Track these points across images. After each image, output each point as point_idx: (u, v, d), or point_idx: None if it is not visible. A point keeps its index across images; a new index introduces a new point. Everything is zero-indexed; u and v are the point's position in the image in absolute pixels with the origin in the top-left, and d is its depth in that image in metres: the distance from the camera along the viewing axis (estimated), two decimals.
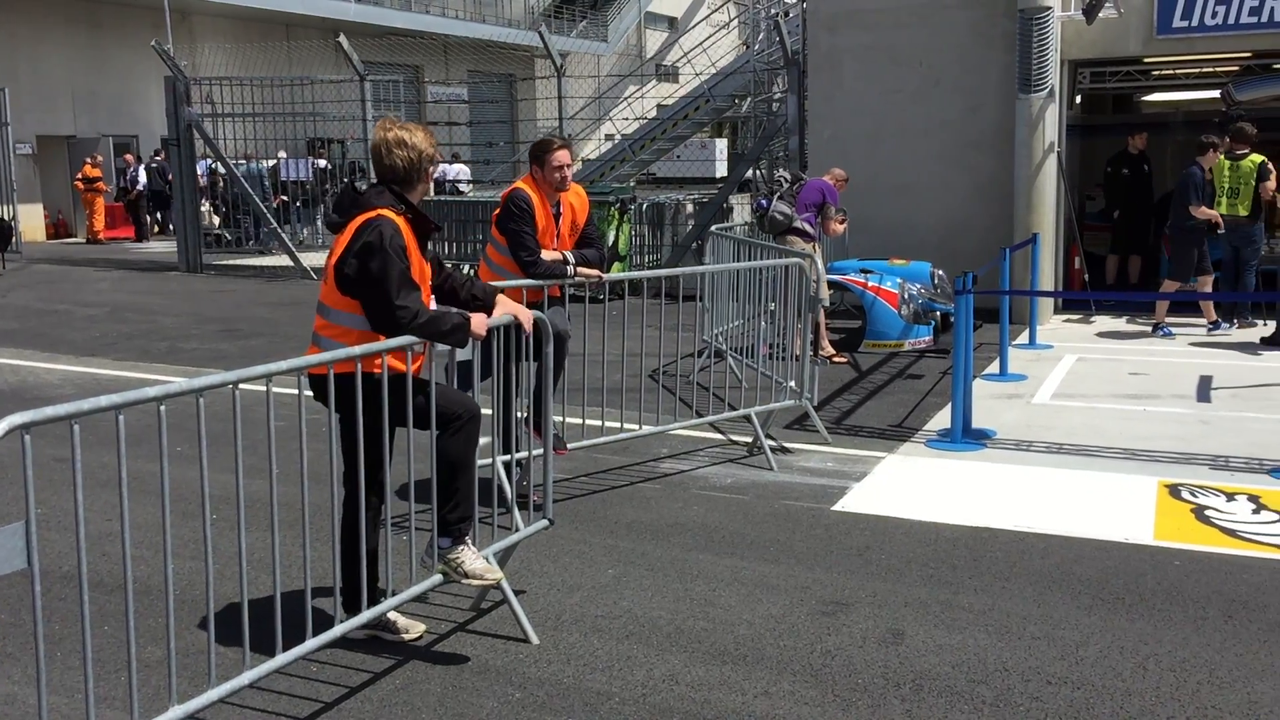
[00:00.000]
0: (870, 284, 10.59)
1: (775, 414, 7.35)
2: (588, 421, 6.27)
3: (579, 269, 5.96)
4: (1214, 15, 11.42)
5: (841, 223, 10.36)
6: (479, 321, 4.13)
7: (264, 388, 3.44)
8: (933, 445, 7.22)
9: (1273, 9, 11.20)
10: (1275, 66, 12.86)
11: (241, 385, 3.33)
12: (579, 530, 5.66)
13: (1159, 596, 4.74)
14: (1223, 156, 11.09)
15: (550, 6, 37.09)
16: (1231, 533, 5.52)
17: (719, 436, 7.52)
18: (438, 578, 4.14)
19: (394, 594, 4.07)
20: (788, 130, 15.00)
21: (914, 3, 12.71)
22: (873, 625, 4.49)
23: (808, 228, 9.82)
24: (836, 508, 6.01)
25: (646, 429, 6.64)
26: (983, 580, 4.95)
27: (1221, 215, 11.02)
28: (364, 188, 4.24)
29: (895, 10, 12.79)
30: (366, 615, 3.95)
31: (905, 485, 6.43)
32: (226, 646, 3.99)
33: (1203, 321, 11.33)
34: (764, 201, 10.23)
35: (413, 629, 4.36)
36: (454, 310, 4.19)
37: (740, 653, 4.25)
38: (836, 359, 10.08)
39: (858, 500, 6.13)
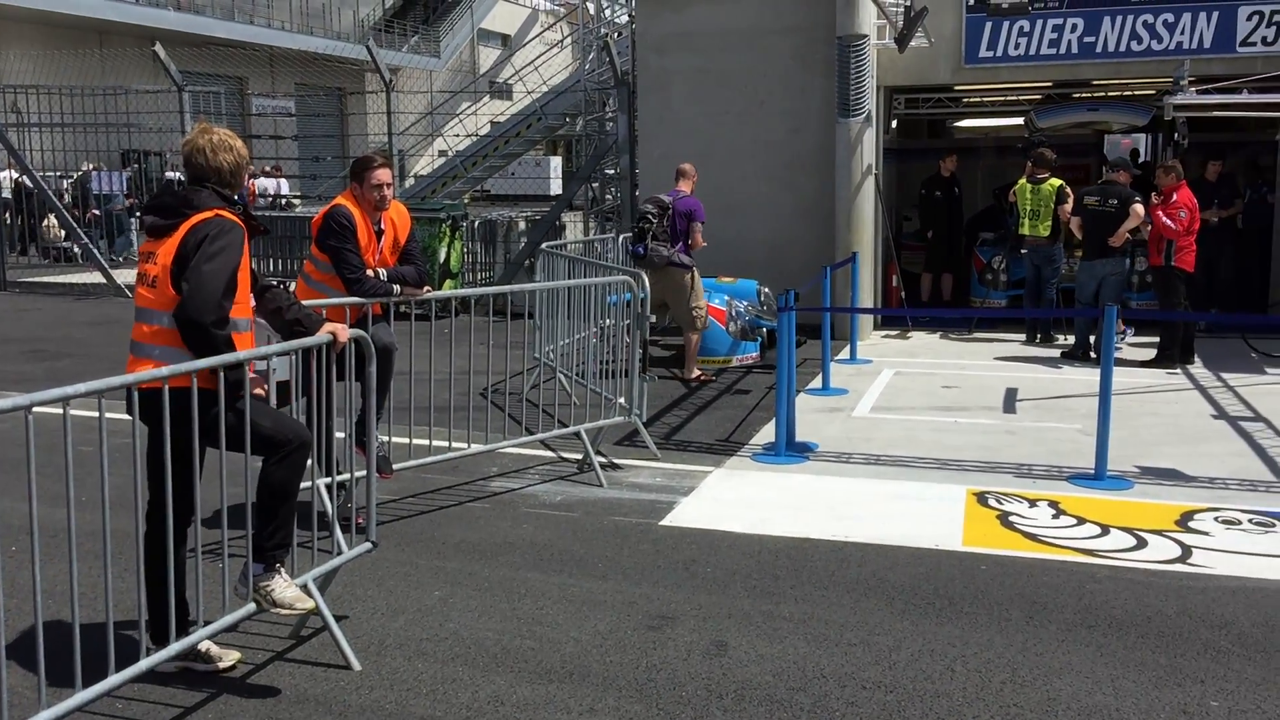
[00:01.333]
0: None
1: (605, 430, 7.41)
2: (416, 441, 6.18)
3: (404, 289, 5.89)
4: (1017, 46, 12.08)
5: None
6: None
7: (60, 410, 3.28)
8: (758, 459, 7.39)
9: (1070, 42, 11.92)
10: (1074, 95, 13.71)
11: (38, 409, 3.17)
12: (405, 552, 5.58)
13: (967, 600, 4.96)
14: (1024, 180, 11.74)
15: (380, 21, 36.55)
16: (1033, 537, 5.83)
17: (549, 454, 7.52)
18: (252, 606, 4.01)
19: (206, 623, 3.92)
20: (619, 149, 15.16)
21: (739, 27, 13.02)
22: (697, 638, 4.56)
23: (685, 259, 9.85)
24: (664, 522, 6.08)
25: (476, 448, 6.59)
26: (803, 590, 5.09)
27: (1023, 236, 11.67)
28: (179, 189, 4.15)
29: (721, 34, 13.08)
30: (176, 647, 3.79)
31: (731, 498, 6.56)
32: (21, 684, 3.78)
33: (1014, 336, 11.97)
34: (640, 249, 9.78)
35: (226, 658, 4.22)
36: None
37: (567, 670, 4.26)
38: (704, 378, 10.10)
39: (685, 514, 6.22)
